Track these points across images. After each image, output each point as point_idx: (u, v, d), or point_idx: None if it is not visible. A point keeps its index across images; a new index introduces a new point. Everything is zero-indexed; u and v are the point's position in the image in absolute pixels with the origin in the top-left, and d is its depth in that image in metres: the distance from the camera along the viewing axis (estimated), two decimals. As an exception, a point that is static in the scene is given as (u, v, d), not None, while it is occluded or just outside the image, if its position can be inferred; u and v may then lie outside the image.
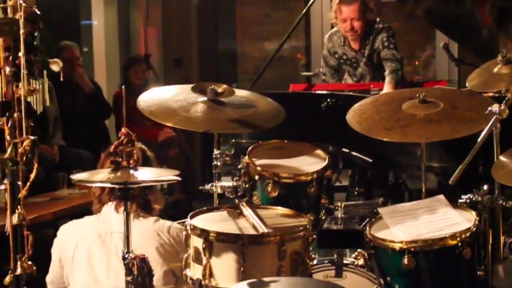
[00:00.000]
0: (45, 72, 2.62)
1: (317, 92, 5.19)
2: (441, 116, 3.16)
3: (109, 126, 7.36)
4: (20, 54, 2.35)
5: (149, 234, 3.15)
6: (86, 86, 6.74)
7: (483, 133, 2.98)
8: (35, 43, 2.42)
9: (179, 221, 3.38)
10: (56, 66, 2.66)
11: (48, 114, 6.20)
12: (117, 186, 2.75)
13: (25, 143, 2.33)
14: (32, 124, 2.35)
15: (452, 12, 5.23)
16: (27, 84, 2.36)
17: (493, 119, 2.97)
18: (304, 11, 5.90)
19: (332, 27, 5.73)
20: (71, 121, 6.63)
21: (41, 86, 2.46)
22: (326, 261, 3.32)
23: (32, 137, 2.35)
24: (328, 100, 4.76)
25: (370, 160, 4.51)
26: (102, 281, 3.12)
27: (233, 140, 5.00)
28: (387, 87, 5.20)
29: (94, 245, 3.15)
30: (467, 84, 3.25)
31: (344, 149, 4.68)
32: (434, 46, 8.66)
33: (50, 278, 3.33)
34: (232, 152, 4.94)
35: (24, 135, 2.37)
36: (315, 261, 3.32)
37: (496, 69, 3.15)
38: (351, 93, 5.06)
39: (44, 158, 5.92)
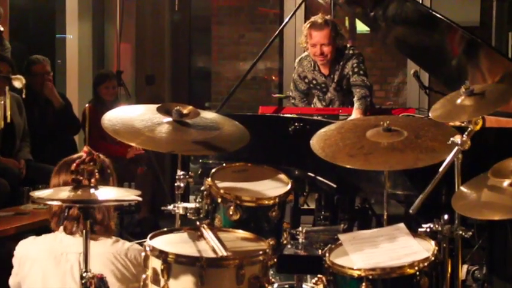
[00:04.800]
0: (7, 88, 2.61)
1: (285, 115, 5.21)
2: (404, 145, 3.19)
3: (78, 142, 7.33)
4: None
5: (106, 257, 3.11)
6: (56, 101, 6.71)
7: (445, 163, 3.00)
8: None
9: (140, 241, 3.36)
10: (18, 82, 2.65)
11: (16, 127, 6.16)
12: (77, 205, 2.74)
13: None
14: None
15: (422, 41, 5.27)
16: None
17: (455, 150, 2.99)
18: (277, 32, 5.93)
19: (304, 50, 5.75)
20: (39, 135, 6.59)
21: (2, 103, 2.43)
22: (286, 286, 3.33)
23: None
24: (296, 124, 4.77)
25: (335, 185, 4.52)
26: None
27: (200, 161, 5.00)
28: (355, 113, 5.23)
29: (49, 266, 3.12)
30: (430, 114, 3.27)
31: (309, 173, 4.69)
32: (406, 73, 8.74)
33: (12, 283, 3.29)
34: (199, 172, 4.97)
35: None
36: (276, 285, 3.33)
37: (459, 101, 3.17)
38: (319, 117, 5.09)
39: (10, 172, 5.90)
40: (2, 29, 2.19)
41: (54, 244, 3.17)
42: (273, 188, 3.30)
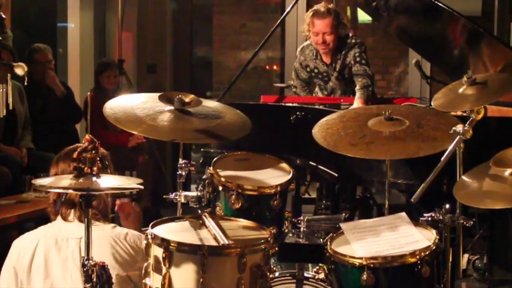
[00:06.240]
0: (9, 75, 2.60)
1: (286, 104, 5.21)
2: (406, 134, 3.19)
3: (79, 130, 7.34)
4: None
5: (106, 240, 3.12)
6: (57, 89, 6.71)
7: (446, 153, 3.01)
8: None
9: (142, 229, 3.37)
10: (20, 70, 2.64)
11: (17, 116, 6.17)
12: (79, 193, 2.74)
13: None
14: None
15: (424, 31, 5.27)
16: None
17: (456, 139, 3.00)
18: (279, 22, 5.93)
19: (306, 39, 5.75)
20: (41, 124, 6.60)
21: (3, 90, 2.43)
22: (287, 275, 3.33)
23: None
24: (298, 113, 4.78)
25: (336, 174, 4.52)
26: (58, 287, 3.09)
27: (202, 149, 5.01)
28: (357, 103, 5.22)
29: (51, 252, 3.12)
30: (432, 104, 3.28)
31: (311, 163, 4.69)
32: (407, 62, 8.73)
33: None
34: (201, 161, 4.98)
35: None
36: (277, 274, 3.34)
37: (461, 90, 3.17)
38: (320, 106, 5.09)
39: (12, 160, 5.90)
40: (4, 16, 2.19)
41: (53, 231, 3.17)
42: (274, 176, 3.29)
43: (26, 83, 4.89)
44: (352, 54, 5.46)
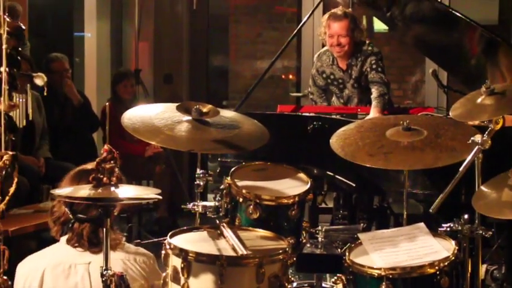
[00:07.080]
0: (28, 86, 2.62)
1: (304, 114, 5.20)
2: (424, 144, 3.19)
3: (96, 139, 7.36)
4: (2, 69, 2.33)
5: (116, 263, 3.02)
6: (75, 98, 6.74)
7: (465, 163, 2.99)
8: (18, 57, 2.40)
9: (159, 239, 3.36)
10: (40, 80, 2.65)
11: (35, 125, 6.19)
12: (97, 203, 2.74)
13: (4, 158, 2.31)
14: (13, 138, 2.33)
15: (440, 40, 5.25)
16: (9, 99, 2.34)
17: (475, 149, 2.98)
18: (295, 31, 5.92)
19: (323, 47, 5.74)
20: (58, 133, 6.62)
21: (23, 100, 2.44)
22: (305, 285, 3.33)
23: (11, 152, 2.32)
24: (315, 123, 4.76)
25: (354, 184, 4.51)
26: None
27: (219, 159, 5.00)
28: (373, 111, 5.20)
29: (59, 281, 3.04)
30: (450, 114, 3.26)
31: (328, 173, 4.68)
32: (424, 71, 8.70)
33: None
34: (218, 171, 4.97)
35: (3, 149, 2.35)
36: (295, 284, 3.34)
37: (479, 100, 3.16)
38: (337, 116, 5.08)
39: (29, 169, 5.92)
40: (24, 27, 2.21)
41: (59, 258, 3.08)
42: (292, 186, 3.30)
43: (45, 93, 4.91)
44: (368, 62, 5.43)
